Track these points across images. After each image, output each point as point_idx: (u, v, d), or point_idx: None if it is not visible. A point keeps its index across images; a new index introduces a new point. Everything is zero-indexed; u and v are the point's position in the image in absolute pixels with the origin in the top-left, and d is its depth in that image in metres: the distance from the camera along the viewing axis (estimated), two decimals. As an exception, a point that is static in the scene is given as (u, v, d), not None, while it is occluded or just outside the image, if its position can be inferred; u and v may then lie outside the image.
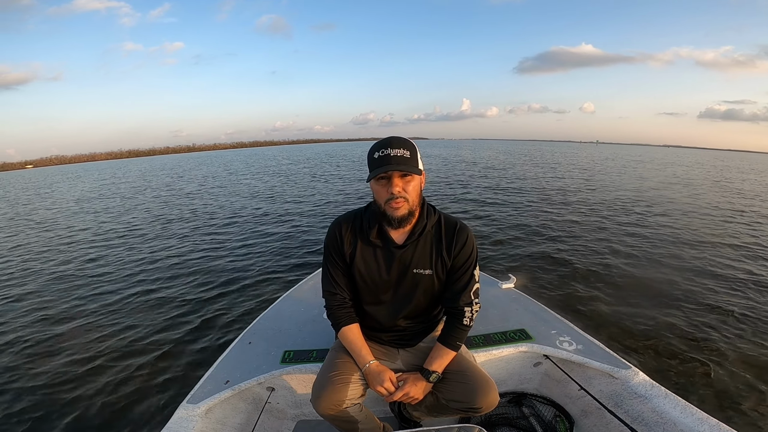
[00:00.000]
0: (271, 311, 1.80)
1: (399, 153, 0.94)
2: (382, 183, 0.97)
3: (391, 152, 0.93)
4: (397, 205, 0.96)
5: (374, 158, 0.96)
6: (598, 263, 4.07)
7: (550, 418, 1.39)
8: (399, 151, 0.94)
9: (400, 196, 0.95)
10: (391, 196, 0.95)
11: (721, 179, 14.68)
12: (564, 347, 1.40)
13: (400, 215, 0.98)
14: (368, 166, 0.99)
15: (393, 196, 0.95)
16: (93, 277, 4.14)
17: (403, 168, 0.93)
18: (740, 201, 8.86)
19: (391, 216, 0.98)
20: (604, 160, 24.29)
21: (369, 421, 1.15)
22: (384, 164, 0.93)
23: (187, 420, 1.18)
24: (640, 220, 6.26)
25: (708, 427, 1.03)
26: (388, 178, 0.95)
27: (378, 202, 1.00)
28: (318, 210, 7.69)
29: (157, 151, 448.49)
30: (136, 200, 10.83)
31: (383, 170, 0.93)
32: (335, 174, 15.97)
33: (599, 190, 9.94)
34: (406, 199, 0.97)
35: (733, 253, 4.50)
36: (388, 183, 0.96)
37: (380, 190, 0.97)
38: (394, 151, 0.94)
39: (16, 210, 10.75)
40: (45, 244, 5.97)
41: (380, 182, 0.97)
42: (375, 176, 0.95)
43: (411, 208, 0.99)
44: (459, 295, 1.07)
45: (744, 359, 2.30)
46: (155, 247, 5.32)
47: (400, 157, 0.93)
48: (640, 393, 1.22)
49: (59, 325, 3.00)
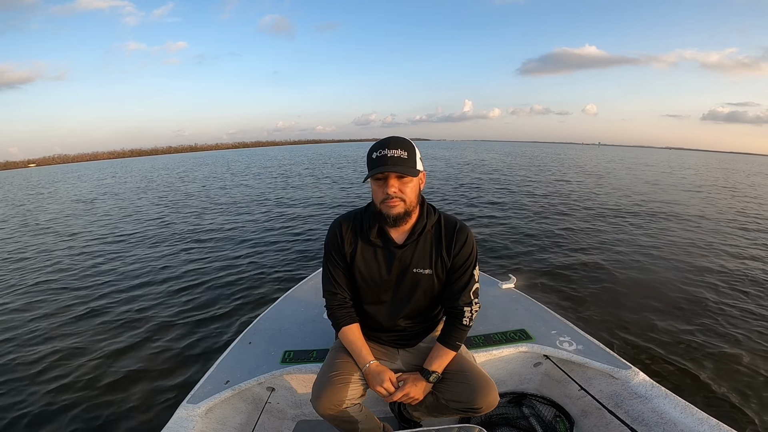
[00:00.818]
0: (271, 311, 1.80)
1: (396, 154, 0.94)
2: (379, 183, 0.98)
3: (388, 153, 0.94)
4: (392, 204, 0.97)
5: (372, 158, 0.97)
6: (598, 264, 4.06)
7: (550, 418, 1.39)
8: (396, 152, 0.94)
9: (396, 197, 0.97)
10: (387, 196, 0.96)
11: (733, 183, 13.97)
12: (564, 347, 1.40)
13: (395, 213, 0.99)
14: (367, 165, 1.00)
15: (388, 196, 0.96)
16: (93, 277, 4.15)
17: (399, 169, 0.94)
18: (754, 206, 8.33)
19: (387, 214, 0.99)
20: (608, 162, 24.06)
21: (369, 421, 1.16)
22: (381, 165, 0.94)
23: (187, 420, 1.18)
24: (643, 223, 6.25)
25: (708, 427, 1.03)
26: (385, 178, 0.96)
27: (375, 201, 1.02)
28: (318, 210, 7.69)
29: (159, 150, 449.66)
30: (137, 200, 10.84)
31: (379, 171, 0.94)
32: (336, 174, 15.99)
33: (601, 192, 9.93)
34: (402, 199, 0.98)
35: (737, 254, 4.50)
36: (384, 183, 0.97)
37: (377, 189, 0.99)
38: (392, 151, 0.94)
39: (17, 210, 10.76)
40: (49, 243, 5.98)
41: (377, 182, 0.99)
42: (371, 176, 0.97)
43: (408, 208, 1.00)
44: (459, 295, 1.07)
45: (745, 360, 2.30)
46: (155, 248, 5.32)
47: (397, 157, 0.94)
48: (640, 393, 1.22)
49: (60, 325, 3.00)
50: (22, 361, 2.51)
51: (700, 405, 1.12)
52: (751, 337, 2.56)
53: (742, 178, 16.83)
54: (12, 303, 3.52)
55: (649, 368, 2.19)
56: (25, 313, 3.27)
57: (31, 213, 9.87)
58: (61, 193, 15.07)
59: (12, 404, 2.08)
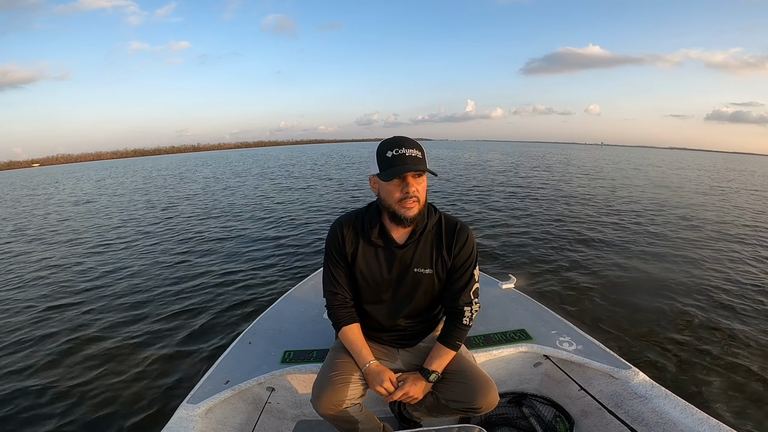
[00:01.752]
0: (271, 311, 1.80)
1: (413, 153, 0.94)
2: (395, 183, 0.96)
3: (406, 152, 0.94)
4: (410, 205, 0.96)
5: (387, 157, 0.94)
6: (599, 264, 4.06)
7: (550, 418, 1.39)
8: (413, 152, 0.94)
9: (414, 196, 0.96)
10: (406, 195, 0.95)
11: (747, 186, 13.27)
12: (564, 347, 1.40)
13: (412, 215, 0.98)
14: (378, 165, 0.97)
15: (407, 196, 0.95)
16: (92, 278, 4.15)
17: (421, 168, 0.93)
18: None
19: (403, 216, 0.97)
20: (614, 164, 23.65)
21: (369, 421, 1.16)
22: (400, 164, 0.93)
23: (187, 420, 1.18)
24: (643, 223, 6.25)
25: (708, 427, 1.03)
26: (403, 178, 0.95)
27: (387, 201, 0.99)
28: (318, 210, 7.69)
29: (162, 150, 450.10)
30: (138, 200, 10.84)
31: (402, 170, 0.92)
32: (336, 174, 15.98)
33: (604, 193, 9.91)
34: (418, 199, 0.97)
35: (742, 256, 4.49)
36: (401, 183, 0.95)
37: (393, 189, 0.96)
38: (409, 151, 0.94)
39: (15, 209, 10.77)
40: (48, 243, 5.98)
41: (393, 182, 0.96)
42: (394, 176, 0.93)
43: (421, 208, 0.99)
44: (459, 295, 1.07)
45: (746, 360, 2.30)
46: (155, 248, 5.32)
47: (414, 157, 0.94)
48: (640, 393, 1.22)
49: (60, 326, 3.00)
50: (21, 360, 2.51)
51: (700, 405, 1.12)
52: (752, 338, 2.56)
53: (757, 179, 16.42)
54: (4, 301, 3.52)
55: (649, 368, 2.19)
56: (20, 316, 3.28)
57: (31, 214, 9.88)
58: (61, 195, 15.08)
59: (12, 404, 2.08)
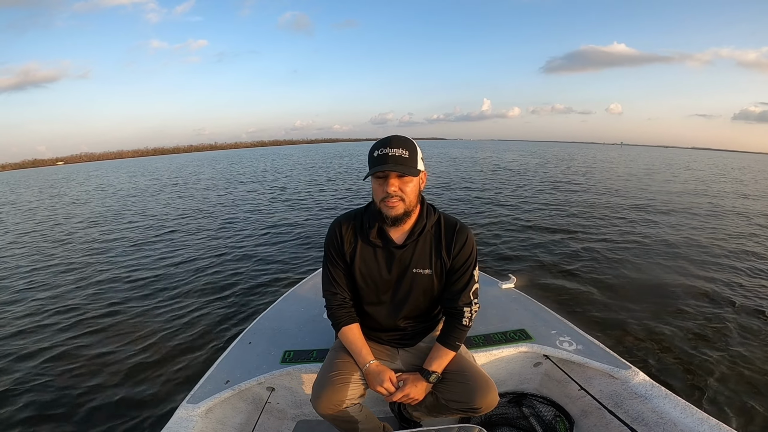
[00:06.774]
0: (271, 311, 1.80)
1: (397, 153, 0.94)
2: (380, 181, 0.98)
3: (389, 152, 0.94)
4: (392, 204, 0.97)
5: (373, 156, 0.97)
6: (599, 264, 4.06)
7: (550, 418, 1.39)
8: (397, 151, 0.94)
9: (396, 195, 0.96)
10: (386, 195, 0.96)
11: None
12: (564, 347, 1.40)
13: (394, 214, 0.98)
14: (368, 163, 0.99)
15: (388, 195, 0.96)
16: (92, 278, 4.14)
17: (400, 169, 0.93)
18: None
19: (386, 214, 0.99)
20: (629, 162, 22.75)
21: (369, 421, 1.15)
22: (381, 163, 0.94)
23: (187, 420, 1.18)
24: (643, 223, 6.25)
25: (708, 427, 1.03)
26: (385, 177, 0.96)
27: (374, 199, 1.02)
28: (318, 209, 7.69)
29: (180, 149, 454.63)
30: (138, 201, 10.83)
31: (379, 169, 0.94)
32: (338, 174, 15.98)
33: (605, 194, 9.88)
34: (402, 198, 0.97)
35: (744, 257, 4.49)
36: (384, 182, 0.96)
37: (377, 188, 0.99)
38: (393, 150, 0.94)
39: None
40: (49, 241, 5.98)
41: (378, 180, 0.98)
42: (371, 174, 0.97)
43: (407, 208, 0.99)
44: (458, 296, 1.07)
45: (746, 360, 2.30)
46: (155, 248, 5.32)
47: (398, 156, 0.94)
48: (640, 393, 1.22)
49: (59, 325, 3.00)
50: (20, 360, 2.51)
51: (700, 405, 1.12)
52: (753, 338, 2.56)
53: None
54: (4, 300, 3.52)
55: (649, 368, 2.20)
56: (23, 313, 3.28)
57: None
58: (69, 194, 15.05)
59: (10, 404, 2.08)
